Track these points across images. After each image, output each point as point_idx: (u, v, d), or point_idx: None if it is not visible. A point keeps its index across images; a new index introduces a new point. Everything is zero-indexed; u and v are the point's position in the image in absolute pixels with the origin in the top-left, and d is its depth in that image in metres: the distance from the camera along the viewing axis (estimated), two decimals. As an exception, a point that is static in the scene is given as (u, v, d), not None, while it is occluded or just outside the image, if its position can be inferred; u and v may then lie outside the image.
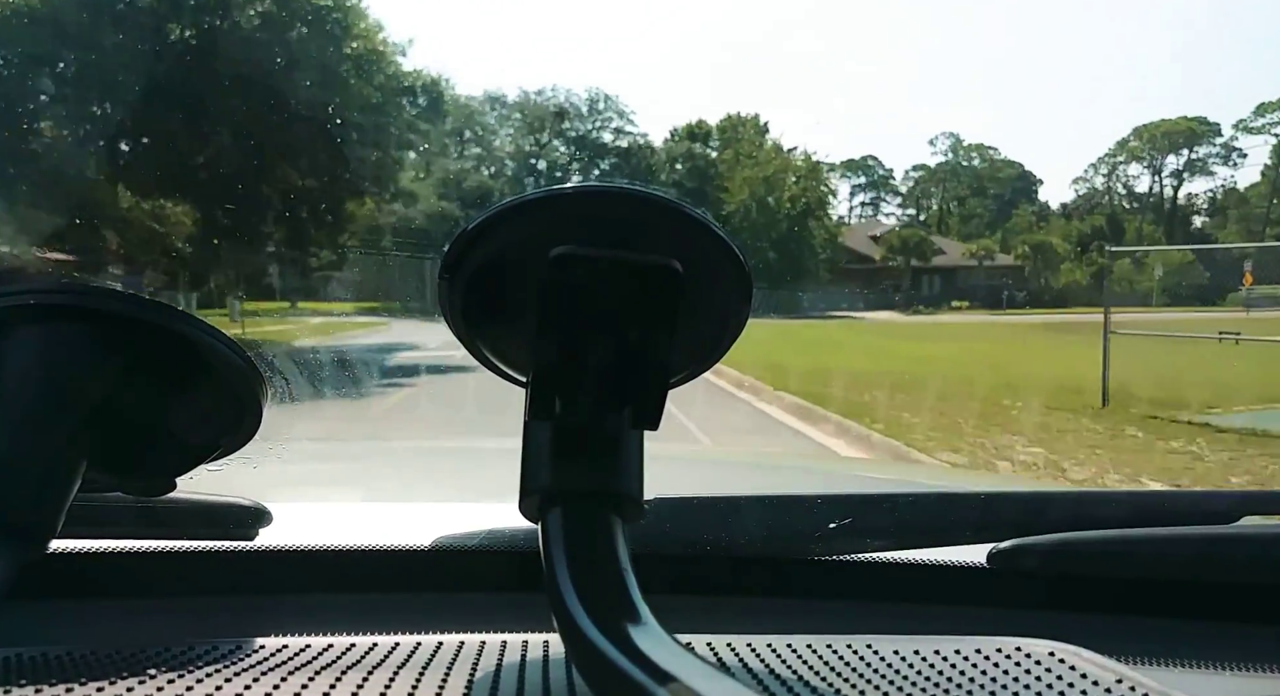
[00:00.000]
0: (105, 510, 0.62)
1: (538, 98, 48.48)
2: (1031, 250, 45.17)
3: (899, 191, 63.69)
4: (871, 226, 51.09)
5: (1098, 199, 58.60)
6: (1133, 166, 57.79)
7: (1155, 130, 55.90)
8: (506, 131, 48.93)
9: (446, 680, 0.43)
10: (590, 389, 0.43)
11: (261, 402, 0.50)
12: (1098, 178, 59.45)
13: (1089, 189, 59.46)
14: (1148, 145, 56.55)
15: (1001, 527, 0.69)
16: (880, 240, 45.68)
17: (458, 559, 0.68)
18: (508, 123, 49.03)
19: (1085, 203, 58.47)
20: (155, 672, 0.42)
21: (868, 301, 40.87)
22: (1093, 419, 7.13)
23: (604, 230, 0.41)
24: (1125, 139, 58.05)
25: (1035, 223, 53.66)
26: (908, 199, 63.57)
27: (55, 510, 0.44)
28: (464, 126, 46.48)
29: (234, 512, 0.69)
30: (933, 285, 44.57)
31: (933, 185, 63.08)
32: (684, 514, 0.70)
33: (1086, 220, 53.08)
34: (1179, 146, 55.66)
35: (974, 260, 44.84)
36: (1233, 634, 0.65)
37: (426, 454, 1.70)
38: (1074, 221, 53.35)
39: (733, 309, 0.46)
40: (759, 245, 38.50)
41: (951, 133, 79.06)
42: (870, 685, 0.43)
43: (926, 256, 43.87)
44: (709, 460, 1.79)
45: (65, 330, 0.46)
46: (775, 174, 40.96)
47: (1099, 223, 51.55)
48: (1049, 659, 0.46)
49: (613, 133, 48.98)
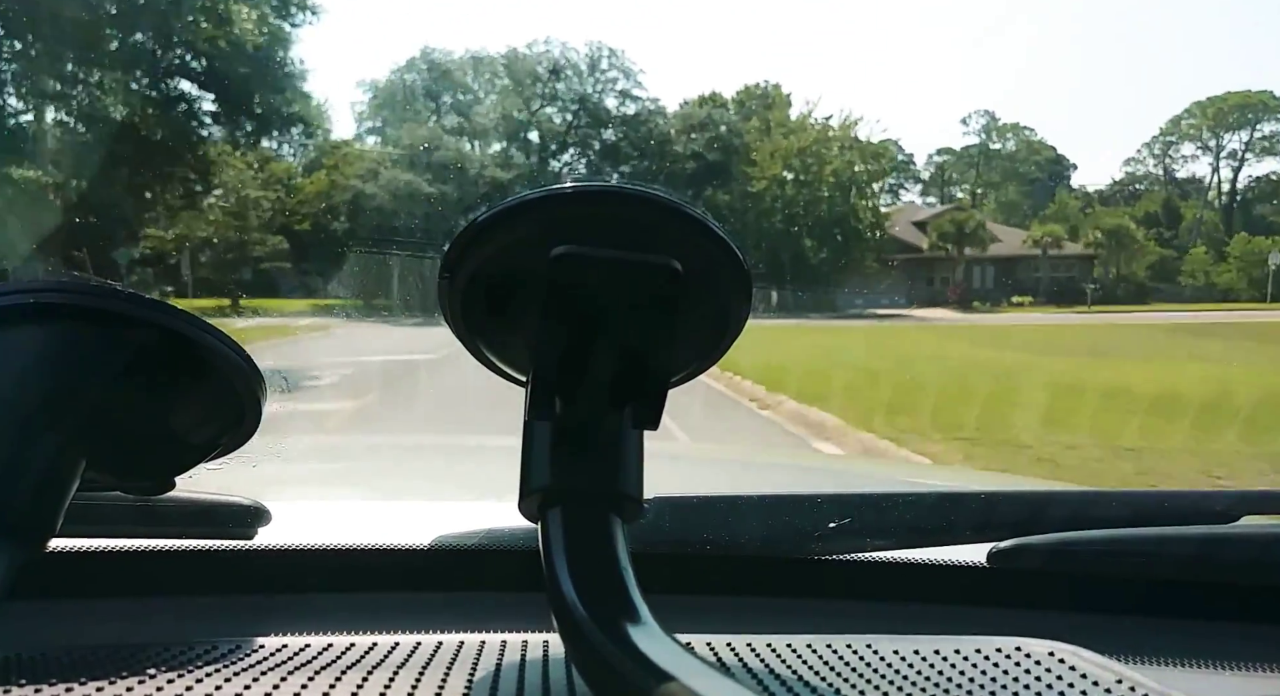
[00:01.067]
0: (105, 509, 0.62)
1: (528, 53, 38.65)
2: (1105, 236, 36.33)
3: (920, 178, 56.27)
4: (912, 211, 41.87)
5: (1149, 182, 50.78)
6: (1185, 146, 50.18)
7: (1221, 104, 47.31)
8: (489, 94, 39.28)
9: (446, 680, 0.43)
10: (590, 389, 0.43)
11: (261, 402, 0.50)
12: (1148, 159, 51.64)
13: (1140, 172, 52.21)
14: (1209, 122, 48.08)
15: (1001, 527, 0.69)
16: (927, 226, 36.73)
17: (457, 558, 0.68)
18: (491, 86, 39.46)
19: (1123, 188, 51.18)
20: (155, 672, 0.42)
21: (912, 296, 33.73)
22: None
23: (604, 230, 0.41)
24: (1179, 116, 49.74)
25: (1081, 210, 45.23)
26: (930, 185, 56.53)
27: (55, 509, 0.44)
28: (439, 90, 38.67)
29: (233, 512, 0.69)
30: (984, 278, 36.66)
31: (958, 170, 55.48)
32: (684, 514, 0.70)
33: (1137, 205, 45.30)
34: (1242, 124, 47.58)
35: (1037, 249, 35.97)
36: (1232, 633, 0.65)
37: (426, 452, 1.70)
38: (1121, 207, 45.18)
39: (733, 308, 0.46)
40: (793, 230, 32.80)
41: (987, 110, 68.08)
42: (870, 685, 0.43)
43: (984, 244, 34.81)
44: (709, 460, 1.79)
45: (64, 329, 0.46)
46: (813, 144, 33.33)
47: (1153, 209, 43.98)
48: (1049, 658, 0.46)
49: (617, 96, 38.70)
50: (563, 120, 38.35)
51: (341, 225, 28.85)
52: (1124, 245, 36.47)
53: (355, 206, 28.75)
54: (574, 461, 0.43)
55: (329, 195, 29.78)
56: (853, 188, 33.59)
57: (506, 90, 38.35)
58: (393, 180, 29.03)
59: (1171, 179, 50.80)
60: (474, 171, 31.66)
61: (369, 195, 28.79)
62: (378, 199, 28.47)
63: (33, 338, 0.46)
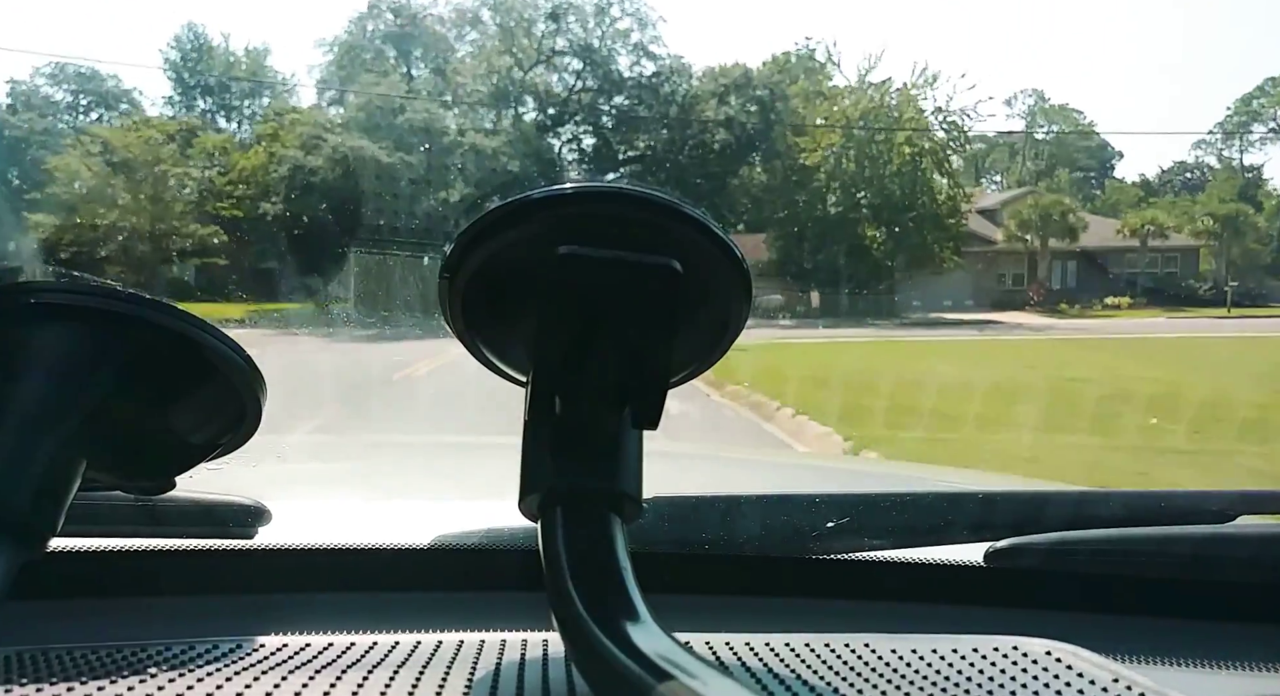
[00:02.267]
0: (105, 509, 0.63)
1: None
2: (1221, 224, 29.18)
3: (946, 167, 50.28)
4: (978, 196, 32.88)
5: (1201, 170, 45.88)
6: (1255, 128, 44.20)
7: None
8: (470, 47, 30.51)
9: (446, 679, 0.43)
10: (590, 388, 0.43)
11: (261, 401, 0.50)
12: (1215, 142, 46.19)
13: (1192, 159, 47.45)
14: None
15: (999, 527, 0.69)
16: (999, 213, 29.76)
17: (458, 557, 0.68)
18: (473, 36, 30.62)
19: (1175, 177, 46.44)
20: (155, 672, 0.42)
21: (980, 298, 27.41)
22: None
23: (604, 230, 0.41)
24: (1250, 94, 44.10)
25: (1142, 199, 40.24)
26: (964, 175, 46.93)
27: (55, 509, 0.44)
28: (408, 43, 30.84)
29: (234, 511, 0.69)
30: (1064, 274, 29.51)
31: (996, 158, 49.12)
32: (683, 513, 0.70)
33: (1204, 195, 38.79)
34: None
35: (1135, 239, 28.73)
36: (1230, 633, 0.65)
37: (426, 452, 1.70)
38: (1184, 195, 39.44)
39: (733, 309, 0.46)
40: (852, 216, 25.55)
41: (1035, 89, 61.31)
42: (868, 684, 0.43)
43: (1075, 234, 27.49)
44: (708, 459, 1.79)
45: (65, 329, 0.46)
46: (881, 106, 26.14)
47: (1227, 197, 36.18)
48: (1046, 658, 0.46)
49: (631, 51, 29.64)
50: (563, 83, 29.74)
51: (274, 207, 22.49)
52: (1241, 234, 29.64)
53: (292, 183, 22.30)
54: (574, 461, 0.44)
55: (266, 170, 23.37)
56: (929, 160, 26.10)
57: (493, 43, 29.71)
58: (338, 148, 22.48)
59: (1239, 165, 45.75)
60: (449, 138, 24.90)
61: (308, 169, 22.17)
62: (320, 174, 22.06)
63: (34, 338, 0.46)
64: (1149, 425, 5.91)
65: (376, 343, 11.39)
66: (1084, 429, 5.87)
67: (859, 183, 25.96)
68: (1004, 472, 4.24)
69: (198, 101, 34.47)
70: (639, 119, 29.25)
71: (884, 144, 25.85)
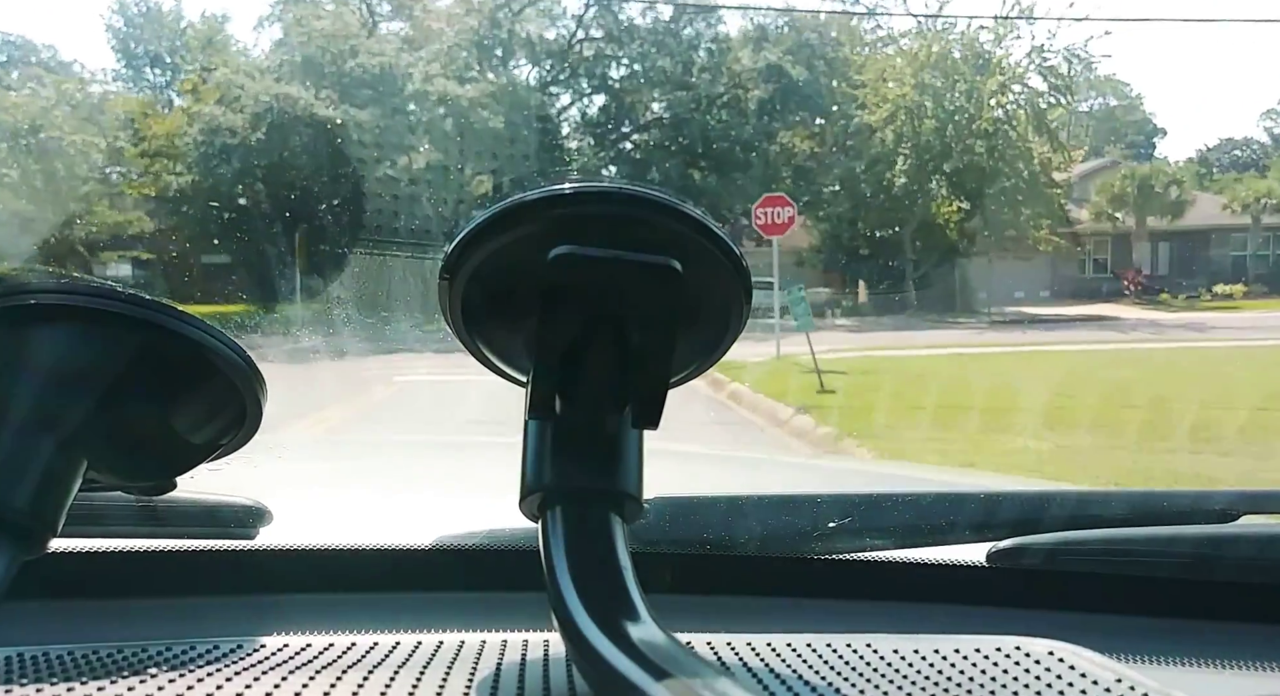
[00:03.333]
0: (106, 509, 0.63)
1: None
2: None
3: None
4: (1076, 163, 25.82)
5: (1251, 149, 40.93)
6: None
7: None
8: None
9: (446, 679, 0.43)
10: (590, 388, 0.43)
11: (262, 402, 0.50)
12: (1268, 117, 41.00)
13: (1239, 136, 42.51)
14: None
15: (1001, 526, 0.69)
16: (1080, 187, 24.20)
17: (458, 558, 0.68)
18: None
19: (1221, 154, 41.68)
20: (155, 672, 0.42)
21: (1059, 288, 23.33)
22: None
23: (603, 230, 0.41)
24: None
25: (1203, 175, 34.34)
26: None
27: (56, 509, 0.44)
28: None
29: (234, 511, 0.69)
30: (1156, 259, 24.78)
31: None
32: (684, 513, 0.70)
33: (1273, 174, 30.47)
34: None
35: (1246, 216, 24.00)
36: (1231, 633, 0.65)
37: (426, 452, 1.70)
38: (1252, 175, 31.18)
39: (733, 309, 0.46)
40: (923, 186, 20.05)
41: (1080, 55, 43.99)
42: (870, 684, 0.43)
43: (1180, 211, 23.05)
44: (709, 459, 1.79)
45: (66, 330, 0.46)
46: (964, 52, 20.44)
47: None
48: (1048, 658, 0.46)
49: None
50: (565, 29, 23.28)
51: (181, 179, 17.65)
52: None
53: (207, 149, 17.28)
54: (574, 461, 0.44)
55: (182, 136, 18.09)
56: (1025, 114, 20.65)
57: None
58: (259, 97, 17.19)
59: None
60: (413, 86, 18.60)
61: (225, 129, 17.12)
62: (239, 134, 16.98)
63: (34, 339, 0.46)
64: None
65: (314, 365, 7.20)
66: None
67: (932, 147, 20.12)
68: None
69: (146, 73, 27.40)
70: (659, 65, 22.65)
71: (965, 94, 20.06)
